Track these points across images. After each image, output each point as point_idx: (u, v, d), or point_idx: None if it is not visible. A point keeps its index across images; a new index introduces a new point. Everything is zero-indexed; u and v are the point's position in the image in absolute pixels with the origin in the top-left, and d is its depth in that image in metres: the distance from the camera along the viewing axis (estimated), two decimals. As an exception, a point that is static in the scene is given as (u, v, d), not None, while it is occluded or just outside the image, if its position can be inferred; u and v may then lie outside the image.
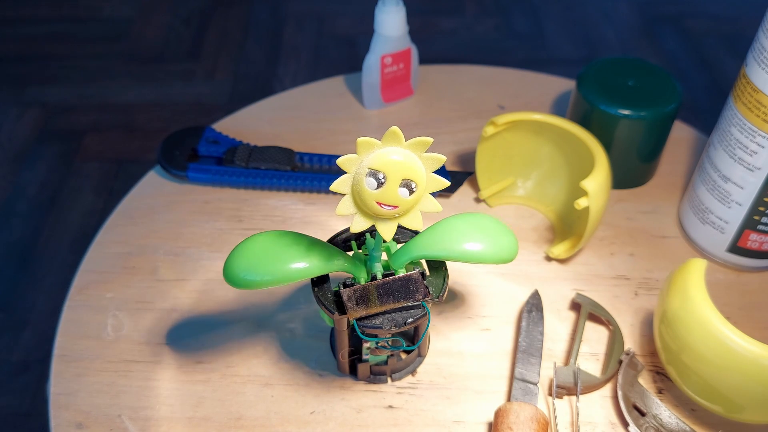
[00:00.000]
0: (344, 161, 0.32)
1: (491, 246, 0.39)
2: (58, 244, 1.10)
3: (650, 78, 0.55)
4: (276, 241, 0.37)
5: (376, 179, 0.32)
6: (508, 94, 0.67)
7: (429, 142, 0.32)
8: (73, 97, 1.37)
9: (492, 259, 0.39)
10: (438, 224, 0.39)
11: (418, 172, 0.32)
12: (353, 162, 0.32)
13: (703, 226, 0.51)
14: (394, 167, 0.32)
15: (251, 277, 0.36)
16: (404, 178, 0.32)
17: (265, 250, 0.36)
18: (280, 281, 0.36)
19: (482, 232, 0.39)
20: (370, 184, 0.32)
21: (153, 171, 0.58)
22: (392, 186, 0.32)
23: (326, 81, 0.68)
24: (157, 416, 0.43)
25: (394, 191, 0.32)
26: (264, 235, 0.37)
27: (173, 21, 1.56)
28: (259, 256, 0.36)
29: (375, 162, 0.32)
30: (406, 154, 0.32)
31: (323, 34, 1.53)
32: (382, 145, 0.32)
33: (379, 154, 0.32)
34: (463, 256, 0.38)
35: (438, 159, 0.33)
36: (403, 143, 0.32)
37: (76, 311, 0.48)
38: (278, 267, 0.36)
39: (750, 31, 1.40)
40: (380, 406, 0.43)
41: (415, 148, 0.32)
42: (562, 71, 0.79)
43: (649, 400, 0.43)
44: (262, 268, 0.36)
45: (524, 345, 0.45)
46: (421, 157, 0.33)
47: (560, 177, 0.55)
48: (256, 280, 0.36)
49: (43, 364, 0.95)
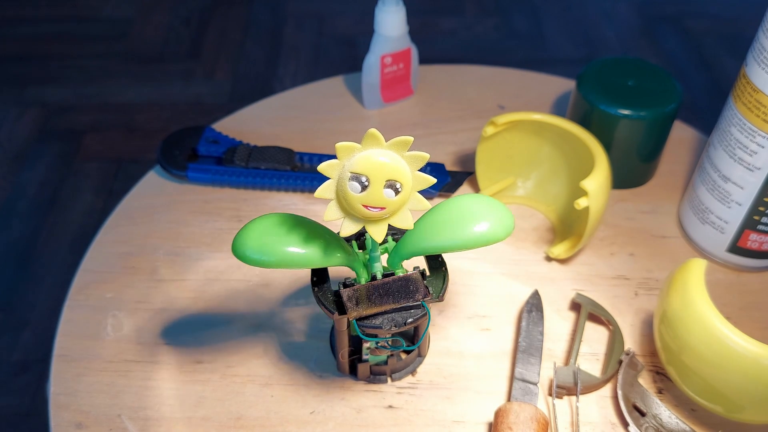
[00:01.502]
0: (325, 167, 0.32)
1: (485, 226, 0.37)
2: (58, 244, 1.10)
3: (650, 78, 0.55)
4: (289, 220, 0.36)
5: (359, 183, 0.32)
6: (508, 94, 0.67)
7: (409, 141, 0.32)
8: (73, 97, 1.37)
9: (488, 239, 0.37)
10: (424, 216, 0.38)
11: (401, 172, 0.32)
12: (335, 167, 0.32)
13: (703, 226, 0.51)
14: (377, 169, 0.32)
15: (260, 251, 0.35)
16: (388, 179, 0.32)
17: (277, 226, 0.36)
18: (287, 259, 0.36)
19: (472, 213, 0.37)
20: (354, 188, 0.32)
21: (153, 171, 0.58)
22: (377, 188, 0.32)
23: (326, 81, 0.68)
24: (157, 416, 0.43)
25: (379, 193, 0.32)
26: (278, 215, 0.37)
27: (173, 21, 1.56)
28: (272, 231, 0.36)
29: (357, 165, 0.32)
30: (388, 155, 0.32)
31: (323, 34, 1.53)
32: (363, 148, 0.32)
33: (360, 158, 0.32)
34: (462, 242, 0.37)
35: (421, 157, 0.33)
36: (384, 144, 0.32)
37: (76, 311, 0.48)
38: (287, 243, 0.36)
39: (750, 31, 1.40)
40: (380, 406, 0.43)
41: (397, 148, 0.32)
42: (562, 71, 0.79)
43: (649, 400, 0.43)
44: (271, 242, 0.35)
45: (524, 345, 0.45)
46: (404, 156, 0.33)
47: (560, 177, 0.55)
48: (265, 255, 0.35)
49: (43, 364, 0.95)
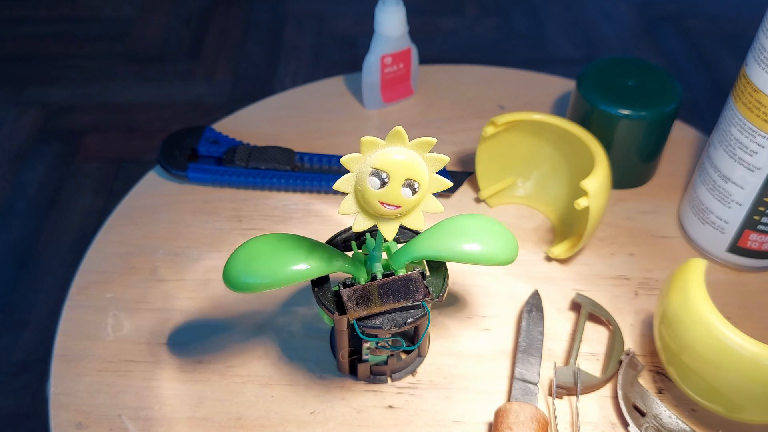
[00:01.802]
0: (348, 160, 0.32)
1: (491, 247, 0.39)
2: (58, 244, 1.10)
3: (650, 78, 0.55)
4: (275, 244, 0.37)
5: (379, 179, 0.32)
6: (508, 94, 0.67)
7: (432, 143, 0.32)
8: (73, 97, 1.37)
9: (492, 261, 0.39)
10: (439, 224, 0.40)
11: (421, 173, 0.32)
12: (356, 161, 0.32)
13: (703, 226, 0.51)
14: (398, 167, 0.32)
15: (251, 280, 0.36)
16: (407, 178, 0.32)
17: (265, 253, 0.36)
18: (280, 284, 0.36)
19: (483, 233, 0.39)
20: (374, 183, 0.32)
21: (153, 171, 0.58)
22: (395, 186, 0.32)
23: (326, 81, 0.68)
24: (157, 416, 0.43)
25: (397, 191, 0.32)
26: (262, 238, 0.37)
27: (173, 21, 1.56)
28: (258, 259, 0.36)
29: (378, 161, 0.32)
30: (410, 154, 0.32)
31: (323, 34, 1.53)
32: (386, 145, 0.32)
33: (383, 154, 0.32)
34: (464, 256, 0.39)
35: (441, 159, 0.33)
36: (407, 143, 0.32)
37: (76, 311, 0.48)
38: (278, 270, 0.36)
39: (750, 31, 1.40)
40: (380, 406, 0.43)
41: (419, 148, 0.32)
42: (562, 71, 0.79)
43: (649, 400, 0.43)
44: (261, 271, 0.36)
45: (524, 345, 0.45)
46: (425, 157, 0.33)
47: (560, 177, 0.55)
48: (256, 283, 0.36)
49: (43, 364, 0.95)
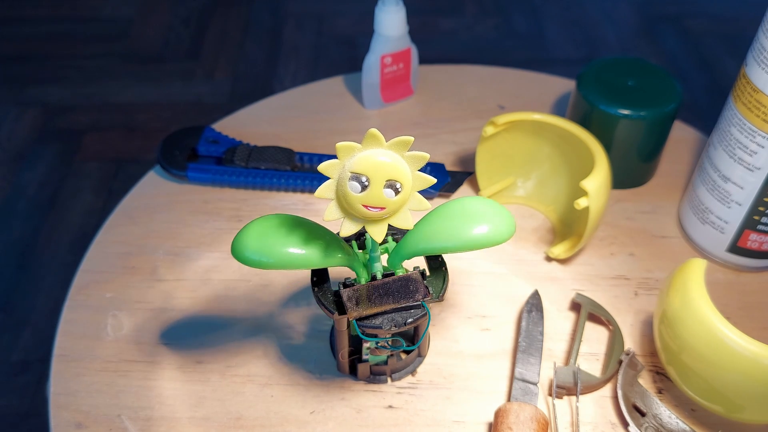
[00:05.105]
0: (326, 167, 0.32)
1: (486, 229, 0.37)
2: (58, 244, 1.10)
3: (650, 78, 0.55)
4: (289, 221, 0.36)
5: (359, 182, 0.32)
6: (508, 94, 0.67)
7: (410, 141, 0.32)
8: (73, 97, 1.37)
9: (489, 241, 0.37)
10: (426, 217, 0.38)
11: (401, 172, 0.32)
12: (335, 167, 0.32)
13: (703, 226, 0.51)
14: (377, 169, 0.32)
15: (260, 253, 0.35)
16: (388, 179, 0.32)
17: (277, 228, 0.36)
18: (287, 260, 0.36)
19: (473, 215, 0.38)
20: (354, 187, 0.32)
21: (153, 171, 0.58)
22: (377, 188, 0.32)
23: (326, 81, 0.68)
24: (157, 416, 0.43)
25: (379, 193, 0.32)
26: (277, 216, 0.37)
27: (173, 21, 1.56)
28: (272, 232, 0.36)
29: (357, 165, 0.32)
30: (388, 155, 0.32)
31: (323, 34, 1.53)
32: (363, 148, 0.32)
33: (361, 157, 0.32)
34: (462, 244, 0.37)
35: (421, 157, 0.33)
36: (384, 144, 0.32)
37: (75, 311, 0.48)
38: (287, 244, 0.36)
39: (750, 31, 1.40)
40: (380, 406, 0.43)
41: (397, 148, 0.32)
42: (562, 71, 0.79)
43: (649, 400, 0.43)
44: (271, 243, 0.35)
45: (524, 345, 0.45)
46: (404, 156, 0.33)
47: (560, 177, 0.55)
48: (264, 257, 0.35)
49: (43, 364, 0.95)
